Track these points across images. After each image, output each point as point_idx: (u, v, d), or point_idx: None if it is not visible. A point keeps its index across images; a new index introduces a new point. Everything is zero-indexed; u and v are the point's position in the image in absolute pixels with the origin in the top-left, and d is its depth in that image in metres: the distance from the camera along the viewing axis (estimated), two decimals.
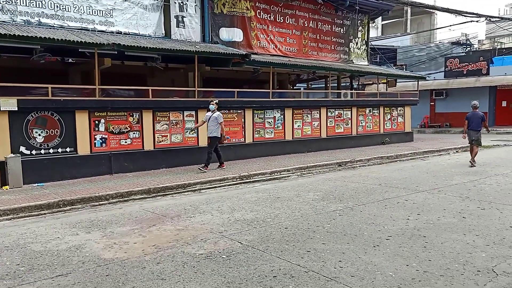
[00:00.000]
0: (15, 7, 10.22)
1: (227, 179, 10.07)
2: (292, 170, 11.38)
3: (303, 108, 15.23)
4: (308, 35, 16.95)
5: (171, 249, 5.15)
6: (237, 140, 13.31)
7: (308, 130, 15.42)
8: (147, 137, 11.32)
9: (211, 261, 4.69)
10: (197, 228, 6.07)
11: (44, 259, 4.93)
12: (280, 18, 15.92)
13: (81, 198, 8.05)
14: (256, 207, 7.26)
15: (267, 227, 5.97)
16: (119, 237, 5.74)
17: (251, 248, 5.08)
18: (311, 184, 9.55)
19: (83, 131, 10.28)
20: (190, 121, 12.18)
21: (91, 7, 11.42)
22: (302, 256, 4.75)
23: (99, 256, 4.96)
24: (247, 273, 4.29)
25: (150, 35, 12.51)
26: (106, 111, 10.65)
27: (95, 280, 4.24)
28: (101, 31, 11.51)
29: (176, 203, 7.96)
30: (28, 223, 6.74)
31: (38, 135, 9.64)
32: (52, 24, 10.73)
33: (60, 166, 9.87)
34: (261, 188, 9.22)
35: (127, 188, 8.84)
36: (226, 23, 14.31)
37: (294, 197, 8.03)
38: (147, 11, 12.48)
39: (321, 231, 5.72)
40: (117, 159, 10.74)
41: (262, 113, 13.97)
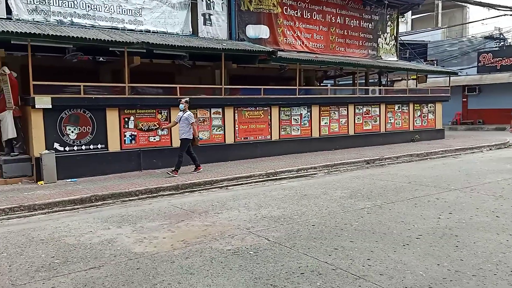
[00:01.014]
0: (49, 7, 10.54)
1: (253, 176, 10.10)
2: (319, 167, 11.31)
3: (330, 105, 15.09)
4: (335, 31, 16.76)
5: (199, 244, 5.22)
6: (263, 137, 13.31)
7: (335, 127, 15.26)
8: (175, 134, 11.43)
9: (239, 256, 4.72)
10: (224, 224, 6.12)
11: (78, 252, 5.08)
12: (307, 14, 15.80)
13: (112, 194, 8.24)
14: (282, 204, 7.26)
15: (294, 224, 5.96)
16: (149, 232, 5.86)
17: (278, 244, 5.09)
18: (339, 181, 9.47)
19: (114, 128, 10.52)
20: (217, 119, 12.27)
21: (121, 7, 11.65)
22: (330, 253, 4.73)
23: (130, 250, 5.08)
24: (274, 269, 4.30)
25: (177, 33, 12.66)
26: (136, 108, 10.85)
27: (126, 273, 4.35)
28: (130, 30, 11.73)
29: (203, 199, 8.05)
30: (62, 217, 6.96)
31: (71, 132, 9.92)
32: (84, 23, 11.01)
33: (92, 162, 10.13)
34: (288, 186, 9.20)
35: (156, 184, 8.99)
36: (253, 20, 14.32)
37: (321, 195, 7.98)
38: (175, 9, 12.64)
39: (349, 229, 5.66)
40: (146, 156, 10.93)
41: (289, 110, 13.92)
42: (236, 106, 12.64)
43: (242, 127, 12.80)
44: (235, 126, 12.62)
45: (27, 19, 10.16)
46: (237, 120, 12.68)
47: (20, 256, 4.98)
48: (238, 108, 12.68)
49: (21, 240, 5.61)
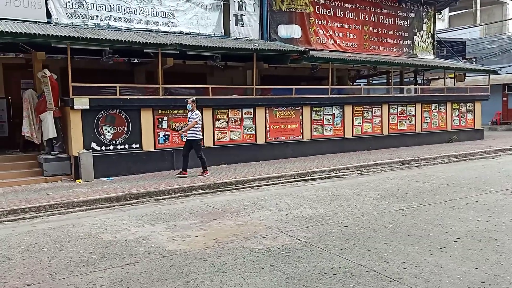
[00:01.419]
0: (86, 11, 10.88)
1: (284, 176, 10.06)
2: (351, 168, 11.14)
3: (363, 104, 14.85)
4: (369, 29, 16.48)
5: (231, 243, 5.25)
6: (295, 137, 13.24)
7: (369, 127, 15.00)
8: (207, 134, 11.59)
9: (270, 256, 4.71)
10: (256, 223, 6.13)
11: (114, 248, 5.21)
12: (339, 12, 15.61)
13: (146, 192, 8.42)
14: (314, 205, 7.20)
15: (326, 225, 5.90)
16: (182, 230, 5.94)
17: (310, 245, 5.05)
18: (372, 182, 9.30)
19: (148, 128, 10.74)
20: (248, 119, 12.30)
21: (155, 9, 11.89)
22: (363, 255, 4.64)
23: (163, 248, 5.17)
24: (306, 270, 4.27)
25: (210, 34, 12.79)
26: (169, 109, 11.04)
27: (160, 270, 4.42)
28: (164, 31, 11.95)
29: (235, 198, 8.10)
30: (99, 215, 7.17)
31: (107, 132, 10.20)
32: (119, 26, 11.31)
33: (127, 162, 10.38)
34: (320, 186, 9.12)
35: (188, 183, 9.12)
36: (285, 20, 14.28)
37: (354, 196, 7.86)
38: (207, 11, 12.77)
39: (383, 230, 5.55)
40: (179, 155, 11.07)
41: (321, 110, 13.79)
42: (267, 106, 12.64)
43: (273, 127, 12.78)
44: (266, 126, 12.63)
45: (66, 23, 10.53)
46: (268, 120, 12.68)
47: (59, 251, 5.16)
48: (269, 108, 12.68)
49: (60, 236, 5.82)
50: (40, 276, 4.38)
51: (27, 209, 7.25)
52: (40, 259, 4.90)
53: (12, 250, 5.26)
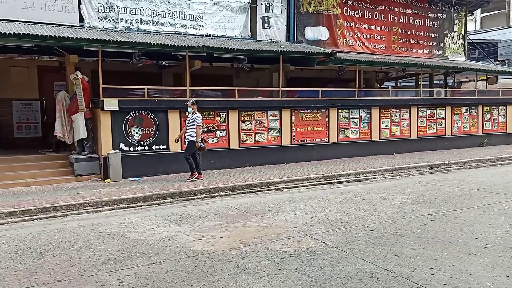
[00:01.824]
0: (117, 15, 11.14)
1: (310, 179, 10.01)
2: (378, 171, 10.98)
3: (391, 107, 14.61)
4: (398, 30, 16.22)
5: (255, 245, 5.26)
6: (321, 140, 13.16)
7: (397, 130, 14.75)
8: (233, 136, 11.66)
9: (295, 259, 4.70)
10: (280, 226, 6.12)
11: (141, 247, 5.31)
12: (368, 14, 15.43)
13: (172, 193, 8.54)
14: (340, 208, 7.13)
15: (351, 229, 5.83)
16: (207, 230, 5.99)
17: (335, 248, 5.00)
18: (399, 186, 9.14)
19: (175, 129, 10.89)
20: (274, 121, 12.30)
21: (184, 12, 12.06)
22: (390, 260, 4.57)
23: (189, 248, 5.23)
24: (331, 274, 4.23)
25: (237, 36, 12.87)
26: None
27: (185, 270, 4.48)
28: (192, 34, 12.11)
29: (260, 200, 8.11)
30: (126, 214, 7.32)
31: (136, 133, 10.41)
32: (149, 29, 11.53)
33: (154, 162, 10.55)
34: (346, 189, 9.02)
35: (214, 184, 9.19)
36: (312, 22, 14.22)
37: (381, 200, 7.74)
38: (235, 13, 12.86)
39: (410, 235, 5.44)
40: (205, 157, 11.18)
41: (347, 112, 13.65)
42: (293, 108, 12.61)
43: (299, 129, 12.74)
44: (291, 129, 12.59)
45: (98, 27, 10.81)
46: (294, 123, 12.64)
47: (89, 249, 5.30)
48: (295, 110, 12.64)
49: (89, 234, 5.97)
50: (70, 272, 4.51)
51: (58, 208, 7.47)
52: (70, 256, 5.04)
53: (43, 247, 5.43)
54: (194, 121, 9.56)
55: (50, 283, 4.24)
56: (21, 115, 12.26)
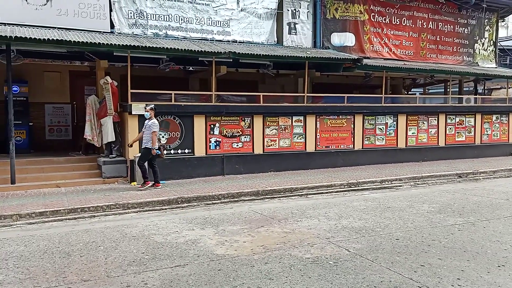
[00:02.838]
0: (146, 21, 11.39)
1: (334, 186, 9.93)
2: (404, 179, 10.79)
3: (418, 114, 14.35)
4: (426, 36, 15.94)
5: (278, 250, 5.25)
6: (345, 146, 13.04)
7: (424, 138, 14.47)
8: (257, 141, 11.69)
9: (318, 266, 4.67)
10: (304, 232, 6.10)
11: (165, 250, 5.39)
12: (396, 20, 15.24)
13: (196, 197, 8.63)
14: (364, 216, 7.04)
15: (376, 237, 5.75)
16: (230, 235, 6.03)
17: (359, 256, 4.95)
18: (426, 195, 8.95)
19: (200, 134, 11.02)
20: (298, 126, 12.28)
21: (211, 19, 12.22)
22: (415, 270, 4.48)
23: (212, 251, 5.27)
24: (354, 282, 4.19)
25: (263, 42, 12.94)
26: (221, 115, 11.27)
27: (208, 273, 4.52)
28: (218, 40, 12.24)
29: (283, 206, 8.09)
30: (151, 217, 7.44)
31: (162, 137, 10.56)
32: (177, 35, 11.73)
33: (179, 166, 10.69)
34: (370, 197, 8.91)
35: (238, 189, 9.24)
36: (338, 28, 14.16)
37: (407, 208, 7.60)
38: (261, 19, 12.94)
39: (437, 245, 5.33)
40: (229, 161, 11.28)
41: (373, 119, 13.49)
42: (318, 114, 12.56)
43: (323, 135, 12.67)
44: (316, 134, 12.53)
45: (127, 33, 11.08)
46: (319, 128, 12.58)
47: (114, 250, 5.41)
48: (320, 116, 12.58)
49: (116, 236, 6.10)
50: (96, 272, 4.62)
51: (86, 209, 7.67)
52: (97, 256, 5.16)
53: (71, 247, 5.58)
54: (150, 128, 9.23)
55: (77, 282, 4.35)
56: (53, 118, 12.66)
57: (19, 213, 7.20)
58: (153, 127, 9.23)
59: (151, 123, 9.30)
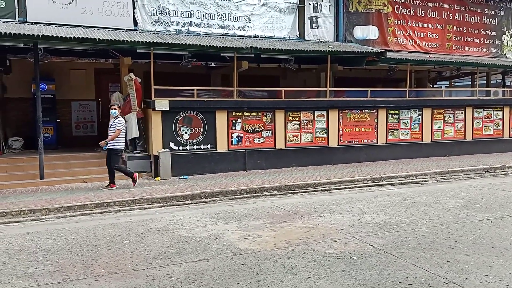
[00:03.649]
0: (169, 18, 11.49)
1: (357, 181, 9.84)
2: (430, 174, 10.59)
3: (444, 107, 14.04)
4: (452, 28, 15.55)
5: (301, 245, 5.25)
6: (369, 141, 12.88)
7: (450, 132, 14.15)
8: (279, 136, 11.67)
9: (342, 261, 4.64)
10: (327, 227, 6.07)
11: (189, 244, 5.45)
12: (421, 12, 14.91)
13: (219, 191, 8.69)
14: (388, 211, 6.95)
15: (401, 232, 5.67)
16: (253, 230, 6.05)
17: (383, 252, 4.89)
18: (453, 190, 8.77)
19: (222, 129, 11.07)
20: (320, 121, 12.19)
21: (232, 14, 12.23)
22: (442, 266, 4.40)
23: (235, 246, 5.30)
24: (379, 277, 4.14)
25: (284, 37, 12.87)
26: (243, 111, 11.29)
27: (232, 268, 4.55)
28: (240, 36, 12.25)
29: (305, 201, 8.07)
30: (175, 211, 7.53)
31: (185, 133, 10.68)
32: (198, 32, 11.79)
33: (202, 161, 10.78)
34: (395, 192, 8.78)
35: (260, 184, 9.25)
36: (361, 21, 13.96)
37: (432, 203, 7.47)
38: (283, 14, 12.87)
39: (464, 241, 5.22)
40: (251, 157, 11.30)
41: (397, 113, 13.27)
42: (341, 109, 12.44)
43: (346, 130, 12.54)
44: (339, 129, 12.42)
45: (150, 30, 11.20)
46: (341, 123, 12.46)
47: (140, 244, 5.51)
48: (342, 110, 12.46)
49: (141, 230, 6.20)
50: (123, 266, 4.71)
51: (112, 203, 7.83)
52: (123, 250, 5.26)
53: (98, 240, 5.71)
54: (116, 126, 8.89)
55: (104, 275, 4.45)
56: (79, 114, 12.95)
57: (48, 207, 7.42)
58: (118, 125, 8.88)
59: (117, 121, 8.95)
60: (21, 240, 5.77)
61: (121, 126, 8.93)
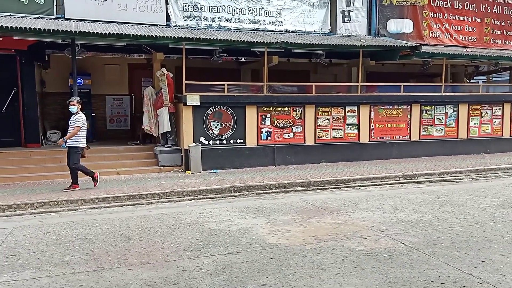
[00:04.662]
0: (200, 13, 11.60)
1: (388, 178, 9.67)
2: (465, 172, 10.28)
3: (481, 103, 13.57)
4: (490, 21, 14.98)
5: (330, 241, 5.21)
6: (401, 137, 12.61)
7: (487, 129, 13.67)
8: (308, 131, 11.60)
9: (372, 258, 4.59)
10: (356, 224, 6.00)
11: (218, 237, 5.52)
12: (458, 4, 14.43)
13: (248, 186, 8.74)
14: (421, 209, 6.80)
15: (434, 231, 5.54)
16: (282, 224, 6.05)
17: (415, 250, 4.80)
18: (489, 189, 8.49)
19: (252, 124, 11.10)
20: (351, 117, 12.03)
21: (263, 9, 12.21)
22: (476, 265, 4.28)
23: (264, 240, 5.33)
24: (410, 276, 4.07)
25: (315, 31, 12.75)
26: (272, 106, 11.27)
27: (260, 261, 4.57)
28: (271, 30, 12.22)
29: (335, 197, 8.00)
30: (205, 204, 7.63)
31: (215, 127, 10.78)
32: (229, 27, 11.85)
33: (231, 156, 10.86)
34: (428, 190, 8.58)
35: (289, 179, 9.24)
36: (395, 15, 13.65)
37: (467, 202, 7.25)
38: (314, 8, 12.75)
39: (499, 241, 5.05)
40: (280, 152, 11.29)
41: (432, 109, 12.93)
42: (373, 104, 12.23)
43: (378, 126, 12.32)
44: (370, 125, 12.22)
45: (182, 25, 11.34)
46: (373, 119, 12.25)
47: (171, 235, 5.62)
48: (374, 106, 12.25)
49: (171, 222, 6.32)
50: (154, 256, 4.82)
51: (144, 196, 8.01)
52: (154, 241, 5.39)
53: (131, 231, 5.86)
54: (75, 122, 8.23)
55: (137, 265, 4.57)
56: (113, 109, 13.29)
57: (84, 198, 7.67)
58: (78, 122, 8.20)
59: (77, 118, 8.26)
60: (58, 229, 6.00)
61: (81, 123, 8.21)
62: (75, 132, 8.18)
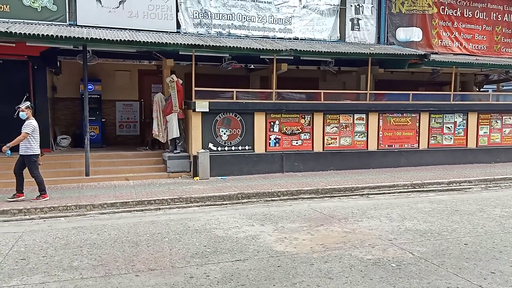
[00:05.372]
0: (210, 21, 11.70)
1: (397, 186, 9.62)
2: (474, 181, 10.20)
3: (491, 112, 13.47)
4: (501, 30, 14.90)
5: (338, 250, 5.20)
6: (410, 145, 12.55)
7: (497, 138, 13.56)
8: (317, 139, 11.60)
9: (380, 267, 4.57)
10: (364, 232, 5.98)
11: (226, 244, 5.53)
12: (468, 13, 14.39)
13: (256, 193, 8.74)
14: (430, 218, 6.76)
15: (442, 241, 5.51)
16: (289, 232, 6.05)
17: (423, 260, 4.77)
18: (499, 198, 8.41)
19: (260, 131, 11.13)
20: (360, 125, 12.00)
21: (273, 16, 12.28)
22: (485, 277, 4.25)
23: (271, 248, 5.33)
24: (419, 286, 4.05)
25: (325, 39, 12.78)
26: (281, 113, 11.30)
27: (268, 269, 4.58)
28: (280, 38, 12.28)
29: (343, 205, 7.98)
30: (213, 211, 7.65)
31: (224, 134, 10.83)
32: (239, 34, 11.93)
33: (240, 163, 10.88)
34: (436, 199, 8.52)
35: (297, 187, 9.23)
36: (404, 23, 13.65)
37: (477, 212, 7.19)
38: (323, 16, 12.79)
39: (509, 252, 5.00)
40: (288, 159, 11.29)
41: (441, 117, 12.86)
42: (381, 112, 12.20)
43: (386, 134, 12.28)
44: (379, 133, 12.19)
45: (192, 32, 11.44)
46: (382, 127, 12.21)
47: (178, 242, 5.64)
48: (383, 114, 12.22)
49: (179, 228, 6.35)
50: (162, 263, 4.85)
51: (152, 201, 8.05)
52: (162, 247, 5.41)
53: (139, 237, 5.90)
54: (23, 129, 7.70)
55: (144, 271, 4.60)
56: (123, 114, 13.40)
57: (92, 203, 7.73)
58: (26, 128, 7.68)
59: (26, 124, 7.74)
60: (67, 234, 6.06)
61: (29, 129, 7.67)
62: (20, 138, 7.63)
